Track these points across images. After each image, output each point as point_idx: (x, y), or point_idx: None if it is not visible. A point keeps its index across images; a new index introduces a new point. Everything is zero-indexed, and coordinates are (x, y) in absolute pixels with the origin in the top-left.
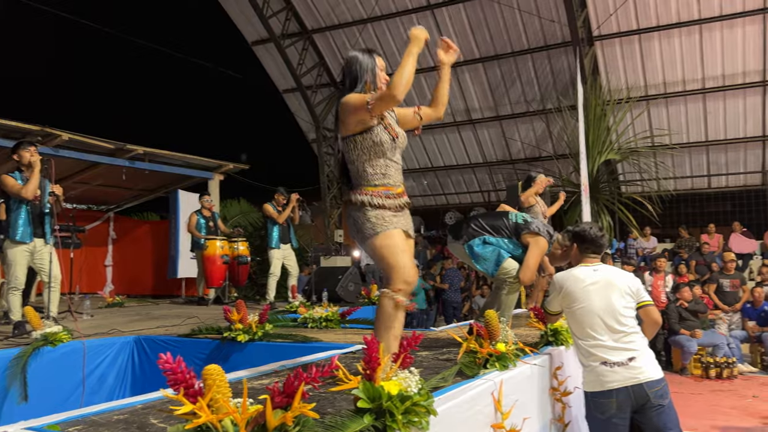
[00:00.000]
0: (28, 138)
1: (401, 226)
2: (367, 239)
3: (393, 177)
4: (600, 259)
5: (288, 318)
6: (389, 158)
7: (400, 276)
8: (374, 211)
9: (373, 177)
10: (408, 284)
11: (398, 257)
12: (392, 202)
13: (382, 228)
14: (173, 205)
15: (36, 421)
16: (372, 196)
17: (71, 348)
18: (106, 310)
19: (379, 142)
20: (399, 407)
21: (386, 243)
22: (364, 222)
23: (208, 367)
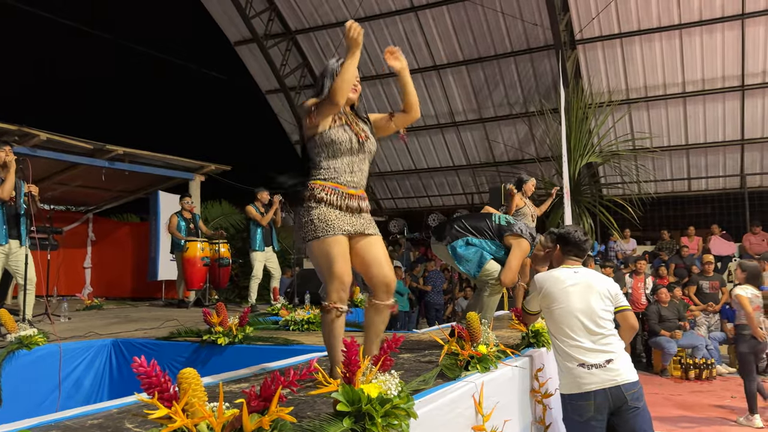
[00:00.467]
0: (4, 138)
1: (348, 229)
2: (307, 241)
3: (347, 178)
4: (582, 262)
5: (269, 320)
6: (348, 160)
7: (333, 284)
8: (318, 209)
9: (324, 172)
10: (342, 291)
11: (333, 265)
12: (341, 201)
13: (322, 233)
14: (153, 206)
15: (8, 426)
16: (316, 190)
17: (47, 351)
18: (84, 312)
19: (337, 140)
20: (379, 410)
21: (323, 250)
22: (307, 222)
23: (184, 371)
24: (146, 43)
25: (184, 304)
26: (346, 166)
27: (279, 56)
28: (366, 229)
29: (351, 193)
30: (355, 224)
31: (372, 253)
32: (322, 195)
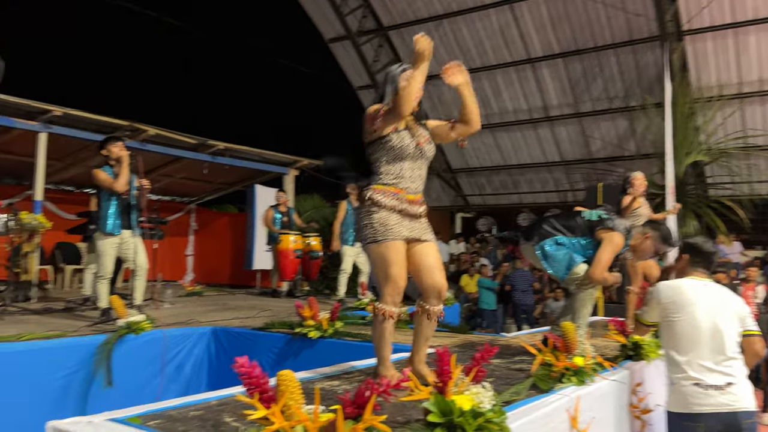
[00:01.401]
0: (117, 133)
1: (407, 235)
2: (367, 244)
3: (407, 183)
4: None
5: (357, 315)
6: (408, 165)
7: (389, 288)
8: (378, 213)
9: (385, 177)
10: (397, 295)
11: (390, 269)
12: (401, 206)
13: (382, 236)
14: (250, 198)
15: (119, 413)
16: (377, 194)
17: (152, 337)
18: (186, 298)
19: (398, 146)
20: (471, 423)
21: (381, 254)
22: (368, 225)
23: (282, 373)
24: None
25: (277, 293)
26: (405, 171)
27: (371, 52)
28: (422, 235)
29: (410, 199)
30: (413, 229)
31: (426, 260)
32: (383, 199)
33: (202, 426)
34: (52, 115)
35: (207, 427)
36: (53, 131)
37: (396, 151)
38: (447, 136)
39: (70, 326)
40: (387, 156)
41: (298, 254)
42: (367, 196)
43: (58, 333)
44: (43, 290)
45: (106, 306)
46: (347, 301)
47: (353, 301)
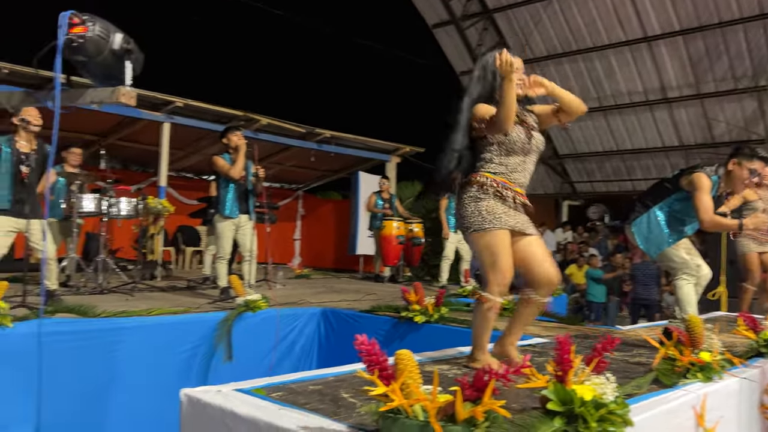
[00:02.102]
0: (233, 123)
1: (512, 225)
2: (471, 231)
3: (516, 175)
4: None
5: (461, 302)
6: (518, 159)
7: (495, 278)
8: (487, 201)
9: (497, 166)
10: (503, 285)
11: (497, 259)
12: (511, 196)
13: (489, 225)
14: (354, 185)
15: (244, 384)
16: (487, 181)
17: (267, 315)
18: (294, 280)
19: (510, 140)
20: (593, 414)
21: (488, 243)
22: (473, 212)
23: (400, 352)
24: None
25: (380, 278)
26: (516, 164)
27: (475, 36)
28: (527, 228)
29: (518, 191)
30: (519, 221)
31: (533, 251)
32: (492, 188)
33: (321, 400)
34: (175, 106)
35: (326, 401)
36: (175, 121)
37: (509, 145)
38: (551, 121)
39: (193, 303)
40: (498, 150)
41: (401, 240)
42: (475, 181)
43: (182, 309)
44: (167, 270)
45: (225, 285)
46: (450, 288)
47: (455, 288)
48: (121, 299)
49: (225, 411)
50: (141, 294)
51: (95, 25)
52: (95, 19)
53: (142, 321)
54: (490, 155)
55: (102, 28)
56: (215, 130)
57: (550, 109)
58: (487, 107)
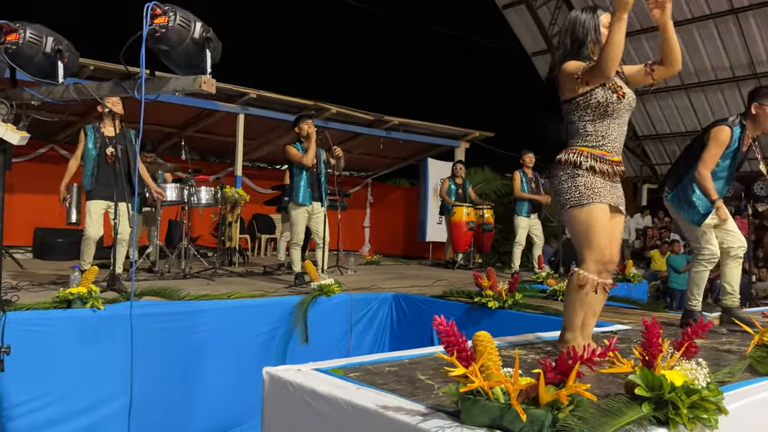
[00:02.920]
0: (304, 112)
1: (610, 200)
2: (568, 208)
3: (612, 142)
4: None
5: (535, 288)
6: (613, 119)
7: (593, 255)
8: (585, 177)
9: (592, 137)
10: (601, 264)
11: (595, 235)
12: (607, 168)
13: (587, 200)
14: (423, 172)
15: (322, 364)
16: (586, 157)
17: (341, 299)
18: (365, 267)
19: (603, 101)
20: (684, 400)
21: (586, 218)
22: (571, 187)
23: (479, 334)
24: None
25: (450, 265)
26: (610, 130)
27: (548, 16)
28: (621, 204)
29: (615, 160)
30: (615, 196)
31: (615, 233)
32: (590, 162)
33: (398, 381)
34: (249, 97)
35: (402, 382)
36: (249, 112)
37: (601, 108)
38: (643, 80)
39: (269, 288)
40: (591, 114)
41: (471, 226)
42: (571, 159)
43: (260, 293)
44: (243, 256)
45: (300, 270)
46: (522, 275)
47: (528, 275)
48: (202, 284)
49: (305, 389)
50: (220, 279)
51: (176, 15)
52: (176, 9)
53: (223, 304)
54: (582, 123)
55: (183, 18)
56: (287, 120)
57: (640, 68)
58: (576, 62)
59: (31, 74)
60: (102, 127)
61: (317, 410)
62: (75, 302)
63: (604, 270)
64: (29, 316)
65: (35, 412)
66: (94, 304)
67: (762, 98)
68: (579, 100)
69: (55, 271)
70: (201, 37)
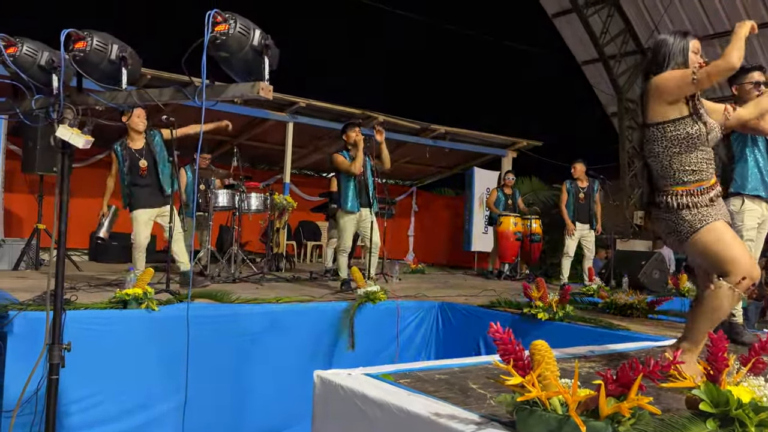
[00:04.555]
0: (352, 120)
1: (721, 216)
2: (688, 239)
3: (705, 171)
4: None
5: (586, 301)
6: (701, 152)
7: (739, 269)
8: (693, 209)
9: (683, 173)
10: (750, 277)
11: (730, 249)
12: (704, 198)
13: (701, 223)
14: (469, 181)
15: (372, 369)
16: (682, 196)
17: (387, 307)
18: (410, 275)
19: (695, 133)
20: (753, 418)
21: (711, 238)
22: (679, 222)
23: (536, 343)
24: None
25: (496, 275)
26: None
27: (599, 24)
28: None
29: (711, 184)
30: (722, 213)
31: None
32: (687, 200)
33: (449, 389)
34: (298, 106)
35: (454, 390)
36: (298, 121)
37: (690, 139)
38: (718, 119)
39: (317, 293)
40: (677, 146)
41: (518, 236)
42: (667, 203)
43: (307, 298)
44: (290, 262)
45: (346, 276)
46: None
47: (577, 288)
48: (250, 288)
49: (356, 393)
50: (268, 284)
51: (237, 23)
52: (236, 16)
53: (271, 308)
54: (672, 159)
55: (243, 25)
56: (334, 129)
57: (720, 107)
58: (677, 71)
59: (97, 80)
60: (129, 142)
61: (368, 415)
62: (131, 303)
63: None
64: (87, 316)
65: (92, 408)
66: (149, 305)
67: (735, 80)
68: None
69: (110, 273)
70: (260, 44)
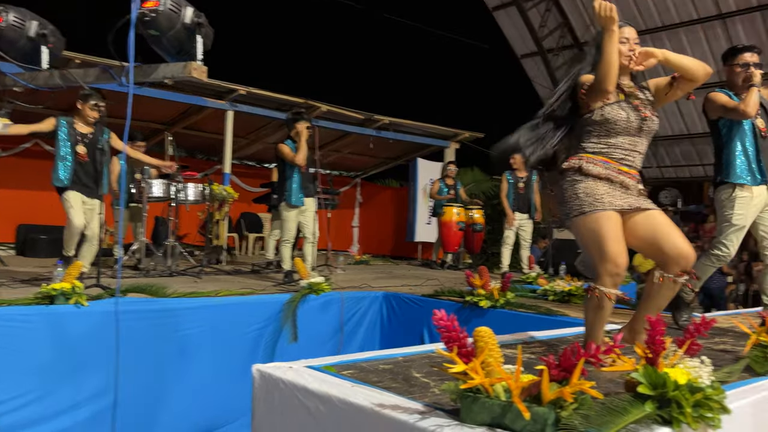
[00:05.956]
0: (295, 110)
1: (619, 205)
2: (570, 217)
3: (620, 154)
4: None
5: (526, 288)
6: (624, 140)
7: (606, 268)
8: (585, 183)
9: (596, 146)
10: (615, 276)
11: (604, 245)
12: (612, 175)
13: (590, 208)
14: (412, 172)
15: (314, 361)
16: (584, 162)
17: (331, 298)
18: (354, 266)
19: (612, 119)
20: (689, 399)
21: (592, 227)
22: (571, 196)
23: (480, 329)
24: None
25: (440, 265)
26: (620, 145)
27: (537, 18)
28: (642, 203)
29: (623, 170)
30: (628, 200)
31: (657, 225)
32: (590, 168)
33: (393, 379)
34: (238, 94)
35: (398, 380)
36: (238, 109)
37: (610, 125)
38: (672, 94)
39: (258, 286)
40: (597, 130)
41: (461, 227)
42: (572, 164)
43: (248, 291)
44: (231, 255)
45: (290, 268)
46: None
47: (518, 275)
48: (189, 281)
49: (297, 386)
50: (208, 277)
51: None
52: None
53: (210, 301)
54: (589, 136)
55: (174, 2)
56: (276, 118)
57: (665, 81)
58: (591, 76)
59: (13, 59)
60: (76, 124)
61: (310, 408)
62: (58, 298)
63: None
64: (9, 312)
65: (14, 411)
66: (78, 300)
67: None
68: (588, 116)
69: (38, 268)
70: (192, 22)
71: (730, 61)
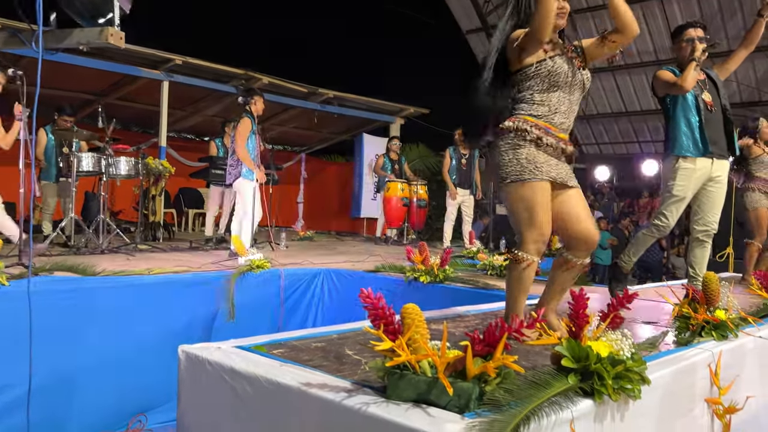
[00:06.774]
0: (233, 82)
1: (553, 176)
2: (508, 182)
3: (561, 116)
4: None
5: (466, 263)
6: (564, 94)
7: (533, 235)
8: (527, 149)
9: (538, 107)
10: (542, 243)
11: (536, 214)
12: (553, 142)
13: (529, 175)
14: (358, 147)
15: (245, 341)
16: (528, 126)
17: (271, 275)
18: (298, 242)
19: (555, 71)
20: (609, 371)
21: (527, 195)
22: (512, 160)
23: (407, 306)
24: None
25: (384, 241)
26: (560, 104)
27: None
28: (569, 180)
29: (561, 137)
30: (561, 172)
31: (573, 207)
32: (534, 133)
33: (324, 357)
34: (174, 64)
35: (329, 358)
36: (175, 80)
37: (553, 78)
38: (600, 51)
39: (195, 263)
40: (541, 84)
41: (405, 202)
42: (513, 126)
43: (184, 268)
44: (169, 232)
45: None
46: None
47: (459, 250)
48: (121, 259)
49: (224, 367)
50: (142, 255)
51: None
52: None
53: (141, 280)
54: (530, 92)
55: None
56: (216, 90)
57: (595, 39)
58: (522, 30)
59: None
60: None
61: (237, 390)
62: None
63: (582, 249)
64: None
65: None
66: None
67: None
68: (530, 69)
69: None
70: None
71: (677, 38)
